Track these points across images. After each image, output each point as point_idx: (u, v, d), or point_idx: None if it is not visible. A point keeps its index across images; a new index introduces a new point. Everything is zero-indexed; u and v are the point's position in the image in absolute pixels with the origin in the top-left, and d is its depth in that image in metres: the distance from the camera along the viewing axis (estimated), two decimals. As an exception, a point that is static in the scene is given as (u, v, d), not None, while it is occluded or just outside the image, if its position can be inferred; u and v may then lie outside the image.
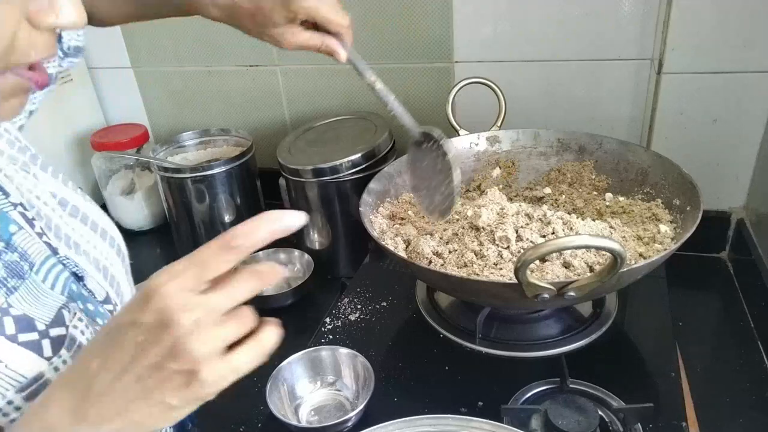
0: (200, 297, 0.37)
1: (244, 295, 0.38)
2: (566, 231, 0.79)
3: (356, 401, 0.75)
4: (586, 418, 0.66)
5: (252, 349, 0.38)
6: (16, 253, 0.47)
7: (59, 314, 0.48)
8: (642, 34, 1.00)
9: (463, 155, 1.01)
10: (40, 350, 0.46)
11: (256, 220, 0.38)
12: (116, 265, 0.58)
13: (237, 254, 0.37)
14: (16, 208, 0.50)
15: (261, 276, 0.38)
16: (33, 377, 0.45)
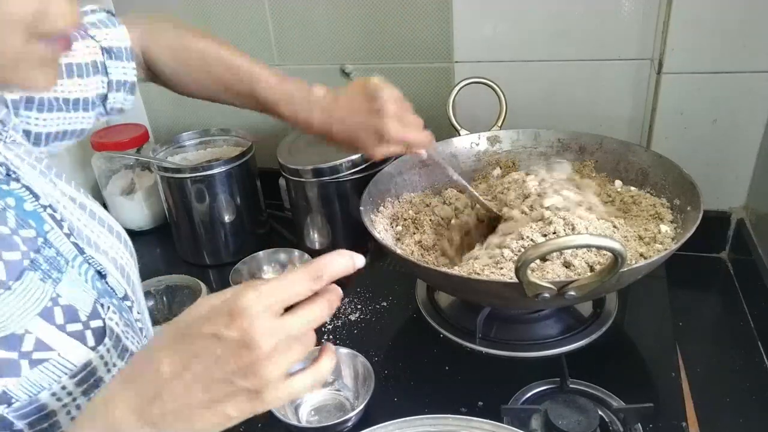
0: (281, 322, 0.39)
1: (318, 323, 0.41)
2: (567, 230, 0.79)
3: (356, 401, 0.74)
4: (586, 418, 0.66)
5: (311, 375, 0.42)
6: (53, 249, 0.49)
7: (95, 308, 0.50)
8: (642, 34, 1.00)
9: (464, 155, 1.01)
10: (84, 340, 0.48)
11: (335, 255, 0.42)
12: (130, 265, 0.60)
13: (319, 284, 0.41)
14: (45, 210, 0.52)
15: (331, 303, 0.42)
16: (82, 364, 0.47)
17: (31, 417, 0.45)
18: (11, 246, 0.46)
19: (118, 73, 0.70)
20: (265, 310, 0.39)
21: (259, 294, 0.39)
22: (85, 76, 0.67)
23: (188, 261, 1.25)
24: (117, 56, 0.70)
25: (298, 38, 1.21)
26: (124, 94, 0.72)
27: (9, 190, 0.49)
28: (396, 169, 0.95)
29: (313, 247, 1.15)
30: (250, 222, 1.22)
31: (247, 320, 0.38)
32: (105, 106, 0.72)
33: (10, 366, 0.43)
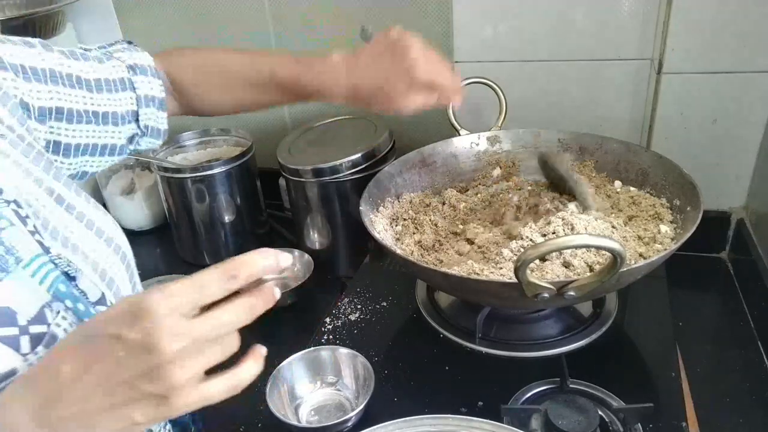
0: (189, 324, 0.37)
1: (234, 326, 0.39)
2: (566, 230, 0.79)
3: (356, 401, 0.74)
4: (586, 418, 0.66)
5: (227, 380, 0.39)
6: (2, 247, 0.47)
7: (41, 312, 0.47)
8: (642, 34, 1.00)
9: (464, 155, 1.01)
10: (17, 346, 0.45)
11: (254, 254, 0.39)
12: (117, 269, 0.58)
13: (235, 283, 0.39)
14: (9, 205, 0.50)
15: (253, 306, 0.39)
16: (5, 372, 0.43)
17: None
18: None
19: (145, 87, 0.72)
20: (172, 312, 0.37)
21: (166, 294, 0.37)
22: (114, 91, 0.69)
23: (188, 261, 1.25)
24: (142, 72, 0.72)
25: (298, 38, 1.21)
26: (154, 110, 0.73)
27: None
28: (396, 169, 0.95)
29: (313, 247, 1.15)
30: (250, 222, 1.22)
31: (150, 321, 0.36)
32: (139, 124, 0.72)
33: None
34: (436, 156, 0.99)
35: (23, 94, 0.60)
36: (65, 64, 0.64)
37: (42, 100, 0.61)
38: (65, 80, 0.64)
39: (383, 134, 1.08)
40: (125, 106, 0.70)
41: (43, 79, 0.62)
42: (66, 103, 0.63)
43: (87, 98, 0.65)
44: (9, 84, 0.58)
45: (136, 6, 1.28)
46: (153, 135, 0.75)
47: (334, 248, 1.13)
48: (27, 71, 0.60)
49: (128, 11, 1.29)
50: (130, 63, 0.71)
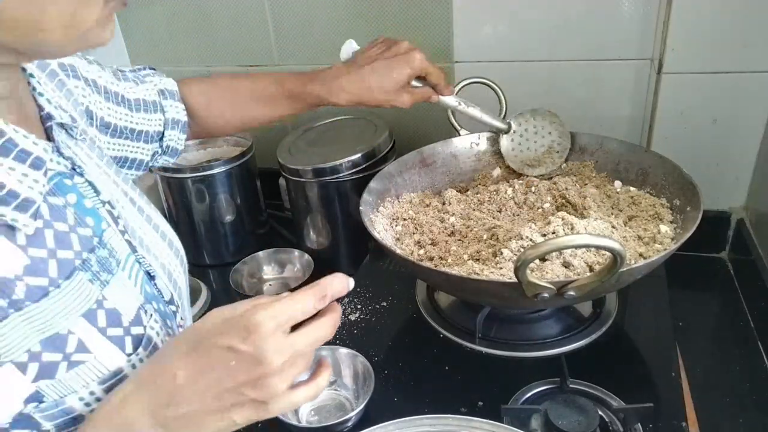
0: (290, 339, 0.43)
1: (323, 341, 0.45)
2: (566, 230, 0.79)
3: (356, 401, 0.75)
4: (586, 418, 0.66)
5: (312, 389, 0.46)
6: (106, 250, 0.51)
7: (138, 314, 0.51)
8: (642, 34, 1.00)
9: (464, 155, 1.01)
10: (123, 346, 0.49)
11: (335, 278, 0.45)
12: (178, 272, 0.62)
13: (323, 303, 0.44)
14: (104, 205, 0.53)
15: (335, 323, 0.45)
16: (113, 371, 0.48)
17: (57, 419, 0.45)
18: (66, 244, 0.47)
19: (172, 111, 0.78)
20: (277, 328, 0.42)
21: (272, 312, 0.42)
22: (150, 111, 0.75)
23: (188, 261, 1.24)
24: (170, 96, 0.79)
25: (298, 38, 1.21)
26: (178, 132, 0.79)
27: (72, 185, 0.51)
28: (396, 169, 0.95)
29: (313, 247, 1.15)
30: (250, 222, 1.22)
31: (260, 336, 0.41)
32: (161, 144, 0.78)
33: (50, 368, 0.44)
34: (436, 156, 0.99)
35: (90, 104, 0.65)
36: (114, 82, 0.71)
37: (102, 111, 0.67)
38: (113, 97, 0.70)
39: (383, 134, 1.08)
40: (155, 127, 0.76)
41: (101, 93, 0.68)
42: (113, 119, 0.70)
43: (128, 116, 0.72)
44: (79, 92, 0.64)
45: (136, 6, 1.28)
46: (170, 154, 0.81)
47: (334, 248, 1.13)
48: (91, 83, 0.66)
49: (128, 11, 1.29)
50: (160, 87, 0.78)
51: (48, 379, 0.44)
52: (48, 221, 0.46)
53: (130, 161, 0.75)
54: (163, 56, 1.31)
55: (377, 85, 0.79)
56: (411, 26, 1.12)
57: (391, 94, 0.80)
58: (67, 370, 0.45)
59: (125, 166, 0.75)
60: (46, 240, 0.46)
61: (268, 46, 1.23)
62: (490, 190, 0.94)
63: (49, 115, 0.52)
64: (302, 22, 1.19)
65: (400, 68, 0.79)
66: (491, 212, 0.90)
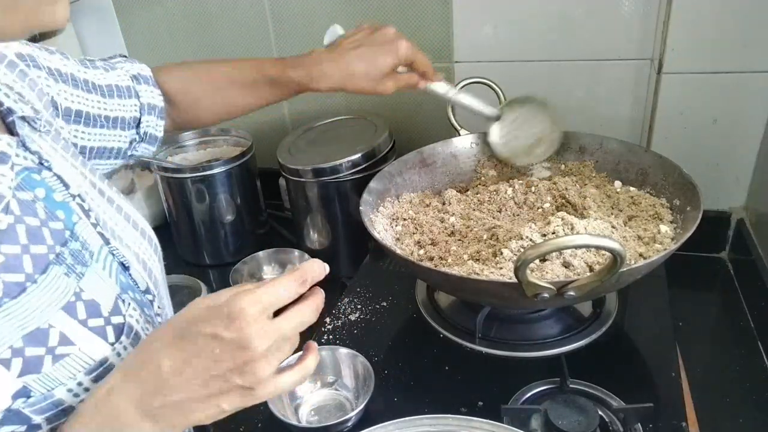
0: (274, 324, 0.43)
1: (307, 324, 0.45)
2: (566, 230, 0.79)
3: (356, 401, 0.74)
4: (586, 418, 0.66)
5: (299, 372, 0.46)
6: (79, 242, 0.50)
7: (116, 303, 0.51)
8: (642, 34, 1.00)
9: (464, 155, 1.01)
10: (105, 335, 0.49)
11: (313, 263, 0.46)
12: (153, 261, 0.61)
13: (304, 288, 0.45)
14: (74, 199, 0.53)
15: (318, 306, 0.46)
16: (99, 361, 0.48)
17: (47, 412, 0.45)
18: (39, 239, 0.47)
19: (147, 96, 0.76)
20: (261, 313, 0.42)
21: (254, 297, 0.42)
22: (125, 97, 0.74)
23: (188, 261, 1.25)
24: (144, 81, 0.77)
25: (298, 38, 1.21)
26: (155, 118, 0.78)
27: (41, 180, 0.50)
28: (396, 169, 0.95)
29: (313, 247, 1.15)
30: (250, 222, 1.22)
31: (244, 322, 0.41)
32: (138, 131, 0.76)
33: (35, 362, 0.44)
34: (436, 156, 0.99)
35: (54, 94, 0.63)
36: (81, 70, 0.69)
37: (68, 101, 0.65)
38: (83, 85, 0.68)
39: (383, 134, 1.08)
40: (130, 113, 0.74)
41: (67, 82, 0.66)
42: (84, 107, 0.67)
43: (101, 103, 0.70)
44: (43, 82, 0.62)
45: (136, 6, 1.28)
46: (149, 141, 0.79)
47: (334, 248, 1.13)
48: (54, 72, 0.65)
49: (128, 11, 1.29)
50: (133, 73, 0.76)
51: (34, 374, 0.44)
52: (19, 216, 0.46)
53: (107, 150, 0.73)
54: (163, 56, 1.31)
55: (361, 71, 0.77)
56: (411, 26, 1.12)
57: (375, 81, 0.79)
58: (53, 364, 0.45)
59: (103, 156, 0.73)
60: (18, 236, 0.45)
61: (268, 46, 1.23)
62: (490, 190, 0.94)
63: (9, 109, 0.51)
64: (302, 22, 1.19)
65: (384, 56, 0.77)
66: (491, 212, 0.90)
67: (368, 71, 0.77)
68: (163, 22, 1.27)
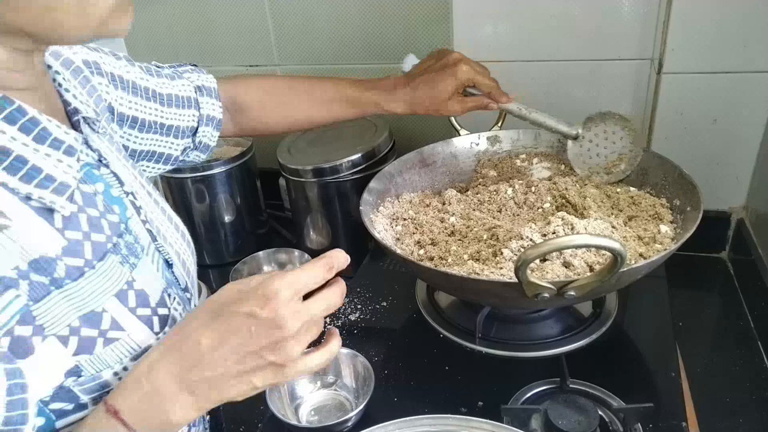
0: (305, 306, 0.46)
1: (334, 307, 0.48)
2: (566, 230, 0.79)
3: (356, 401, 0.74)
4: (586, 418, 0.66)
5: (325, 354, 0.49)
6: (132, 236, 0.53)
7: (162, 296, 0.54)
8: (642, 34, 1.00)
9: (464, 155, 1.01)
10: (151, 325, 0.52)
11: (338, 252, 0.50)
12: (190, 262, 0.64)
13: (331, 274, 0.48)
14: (128, 195, 0.56)
15: (342, 292, 0.49)
16: (144, 348, 0.50)
17: (94, 393, 0.47)
18: (98, 228, 0.50)
19: (208, 108, 0.79)
20: (294, 295, 0.45)
21: (287, 280, 0.45)
22: (182, 107, 0.76)
23: (188, 261, 1.25)
24: (207, 93, 0.80)
25: (298, 38, 1.21)
26: (211, 129, 0.81)
27: (99, 175, 0.54)
28: (396, 169, 0.95)
29: (313, 247, 1.15)
30: (250, 222, 1.22)
31: (278, 303, 0.44)
32: (194, 139, 0.80)
33: (88, 343, 0.46)
34: (436, 156, 0.99)
35: (112, 100, 0.67)
36: (144, 78, 0.72)
37: (123, 107, 0.68)
38: (143, 93, 0.71)
39: (383, 134, 1.08)
40: (187, 122, 0.77)
41: (126, 89, 0.69)
42: (141, 114, 0.71)
43: (158, 111, 0.73)
44: (103, 88, 0.65)
45: (136, 6, 1.27)
46: (202, 150, 0.82)
47: (334, 248, 1.12)
48: (116, 79, 0.68)
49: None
50: (197, 84, 0.79)
51: (87, 354, 0.46)
52: (81, 206, 0.49)
53: (158, 155, 0.76)
54: (163, 56, 1.30)
55: (426, 96, 0.84)
56: (411, 26, 1.12)
57: (441, 104, 0.85)
58: (104, 346, 0.47)
59: (152, 160, 0.76)
60: (81, 223, 0.48)
61: (268, 46, 1.23)
62: (490, 190, 0.94)
63: (76, 109, 0.55)
64: (302, 22, 1.19)
65: (446, 80, 0.83)
66: (491, 212, 0.90)
67: (432, 95, 0.84)
68: (163, 22, 1.27)
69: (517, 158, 1.00)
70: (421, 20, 1.11)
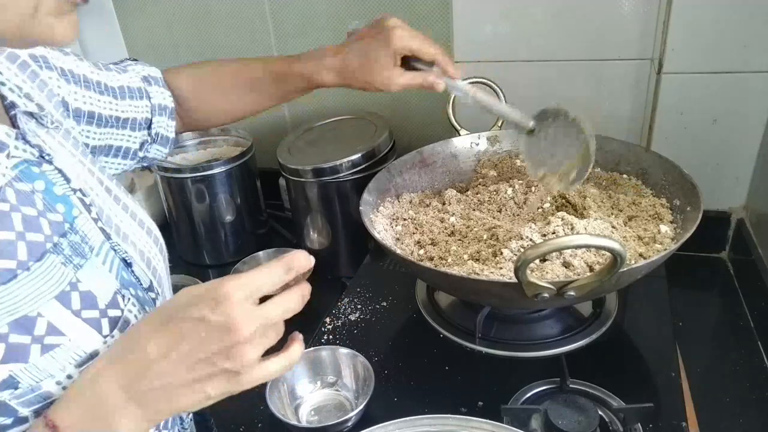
0: (260, 309, 0.43)
1: (292, 312, 0.45)
2: (566, 230, 0.79)
3: (356, 401, 0.75)
4: (586, 418, 0.66)
5: (285, 359, 0.45)
6: (78, 235, 0.50)
7: (114, 297, 0.51)
8: (642, 34, 1.00)
9: (464, 155, 1.01)
10: (99, 328, 0.49)
11: (299, 253, 0.46)
12: (158, 259, 0.62)
13: (290, 276, 0.45)
14: (75, 193, 0.53)
15: (304, 296, 0.46)
16: (90, 353, 0.47)
17: (35, 405, 0.45)
18: (35, 228, 0.47)
19: (158, 97, 0.77)
20: (247, 298, 0.42)
21: (240, 282, 0.42)
22: (136, 98, 0.74)
23: (188, 261, 1.25)
24: (155, 82, 0.77)
25: (298, 38, 1.21)
26: (165, 119, 0.78)
27: (40, 173, 0.51)
28: (396, 169, 0.95)
29: (313, 247, 1.15)
30: (250, 222, 1.22)
31: (230, 306, 0.41)
32: (150, 132, 0.77)
33: (19, 351, 0.43)
34: (436, 156, 0.99)
35: (65, 94, 0.64)
36: (94, 71, 0.70)
37: (78, 102, 0.66)
38: (95, 86, 0.69)
39: (383, 134, 1.08)
40: (141, 114, 0.75)
41: (79, 83, 0.67)
42: (96, 108, 0.69)
43: (112, 104, 0.71)
44: (54, 83, 0.63)
45: (136, 6, 1.28)
46: (161, 143, 0.79)
47: (334, 248, 1.13)
48: (67, 73, 0.65)
49: (128, 11, 1.29)
50: (143, 74, 0.77)
51: (21, 363, 0.43)
52: (15, 205, 0.46)
53: (115, 149, 0.73)
54: (163, 56, 1.31)
55: (358, 66, 0.73)
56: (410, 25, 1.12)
57: (375, 76, 0.73)
58: (42, 354, 0.44)
59: (110, 155, 0.73)
60: (13, 223, 0.45)
61: (268, 46, 1.23)
62: (490, 190, 0.94)
63: (13, 103, 0.52)
64: (302, 22, 1.19)
65: (378, 47, 0.72)
66: (491, 212, 0.90)
67: (362, 63, 0.73)
68: (163, 23, 1.27)
69: (517, 158, 1.00)
70: (421, 20, 1.11)
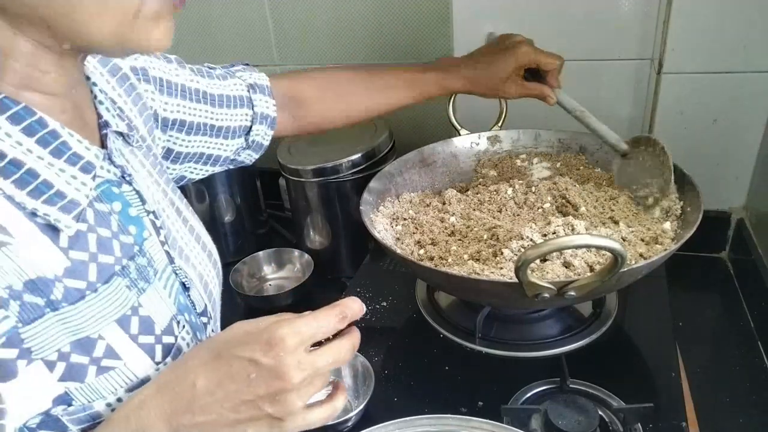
0: (311, 357, 0.42)
1: (342, 362, 0.45)
2: (567, 230, 0.79)
3: (356, 401, 0.74)
4: (586, 418, 0.66)
5: (326, 411, 0.45)
6: (145, 258, 0.51)
7: (170, 324, 0.51)
8: (642, 34, 1.00)
9: (464, 155, 1.01)
10: (153, 354, 0.49)
11: (352, 301, 0.46)
12: (214, 283, 0.61)
13: (343, 324, 0.45)
14: (149, 215, 0.53)
15: (354, 346, 0.46)
16: (141, 379, 0.48)
17: (84, 423, 0.45)
18: (108, 249, 0.47)
19: (262, 106, 0.78)
20: (300, 345, 0.42)
21: (295, 328, 0.42)
22: (233, 107, 0.75)
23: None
24: (260, 91, 0.78)
25: (298, 38, 1.21)
26: (265, 128, 0.79)
27: (119, 193, 0.51)
28: (396, 169, 0.95)
29: (313, 247, 1.15)
30: (250, 222, 1.22)
31: (283, 351, 0.41)
32: (247, 138, 0.78)
33: (78, 371, 0.44)
34: (436, 156, 0.99)
35: (157, 107, 0.65)
36: (194, 80, 0.70)
37: (167, 111, 0.67)
38: (192, 95, 0.69)
39: (383, 134, 1.08)
40: (240, 122, 0.75)
41: (174, 93, 0.67)
42: (188, 117, 0.69)
43: (208, 112, 0.71)
44: (149, 96, 0.63)
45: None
46: (254, 149, 0.80)
47: (334, 248, 1.13)
48: (164, 84, 0.66)
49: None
50: (250, 82, 0.77)
51: (77, 382, 0.44)
52: (92, 226, 0.47)
53: (206, 157, 0.75)
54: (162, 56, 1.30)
55: (484, 74, 0.84)
56: (410, 26, 1.12)
57: (498, 84, 0.84)
58: (97, 375, 0.45)
59: (200, 162, 0.75)
60: (88, 243, 0.46)
61: (268, 46, 1.23)
62: (491, 190, 0.94)
63: (106, 122, 0.52)
64: (302, 22, 1.19)
65: (505, 59, 0.83)
66: (491, 212, 0.90)
67: (490, 74, 0.84)
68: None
69: (517, 158, 1.00)
70: (421, 20, 1.11)
